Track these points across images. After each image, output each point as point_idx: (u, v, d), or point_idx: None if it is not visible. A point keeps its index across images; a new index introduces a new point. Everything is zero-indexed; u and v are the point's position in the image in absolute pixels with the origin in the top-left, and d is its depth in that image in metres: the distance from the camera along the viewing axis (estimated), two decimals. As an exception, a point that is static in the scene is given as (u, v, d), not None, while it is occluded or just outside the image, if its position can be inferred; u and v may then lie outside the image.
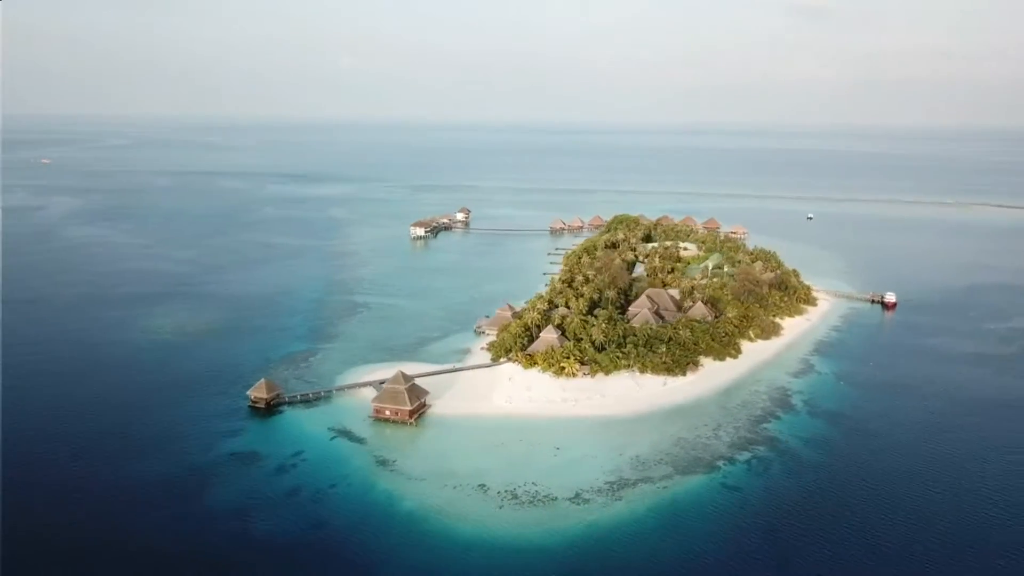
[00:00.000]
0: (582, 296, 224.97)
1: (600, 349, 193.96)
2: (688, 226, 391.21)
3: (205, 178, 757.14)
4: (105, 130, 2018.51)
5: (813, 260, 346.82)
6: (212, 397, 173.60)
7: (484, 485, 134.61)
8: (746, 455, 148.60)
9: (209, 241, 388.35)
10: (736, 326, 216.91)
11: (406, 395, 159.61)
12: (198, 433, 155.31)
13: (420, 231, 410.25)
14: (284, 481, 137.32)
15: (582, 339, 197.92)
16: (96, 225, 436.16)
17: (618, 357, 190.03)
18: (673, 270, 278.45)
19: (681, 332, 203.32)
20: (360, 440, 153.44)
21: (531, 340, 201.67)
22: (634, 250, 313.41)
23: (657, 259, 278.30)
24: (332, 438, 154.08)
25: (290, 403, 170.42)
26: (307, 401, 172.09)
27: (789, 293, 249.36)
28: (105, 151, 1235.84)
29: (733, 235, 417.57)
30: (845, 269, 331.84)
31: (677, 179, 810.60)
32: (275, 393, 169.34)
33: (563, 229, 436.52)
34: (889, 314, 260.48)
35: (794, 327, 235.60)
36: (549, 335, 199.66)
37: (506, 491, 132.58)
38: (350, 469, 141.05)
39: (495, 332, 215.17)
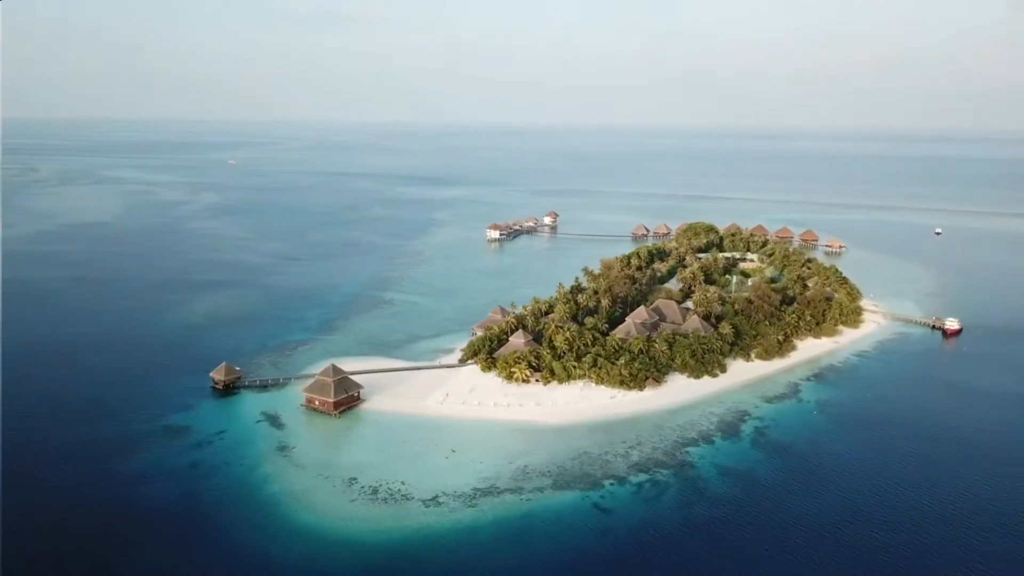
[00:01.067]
0: (571, 303, 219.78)
1: (561, 357, 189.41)
2: (763, 237, 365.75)
3: (347, 179, 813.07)
4: (292, 133, 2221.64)
5: (902, 279, 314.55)
6: (189, 376, 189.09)
7: (355, 479, 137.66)
8: (643, 478, 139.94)
9: (302, 236, 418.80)
10: (730, 343, 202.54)
11: (332, 387, 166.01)
12: (152, 406, 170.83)
13: (495, 234, 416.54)
14: (192, 455, 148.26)
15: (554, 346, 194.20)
16: (218, 219, 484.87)
17: (573, 366, 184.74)
18: (713, 281, 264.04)
19: (657, 345, 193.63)
20: (279, 426, 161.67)
21: (501, 343, 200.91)
22: (681, 260, 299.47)
23: (690, 270, 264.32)
24: (257, 421, 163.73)
25: (248, 386, 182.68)
26: (264, 386, 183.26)
27: (818, 311, 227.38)
28: (284, 152, 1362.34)
29: (827, 248, 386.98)
30: (933, 291, 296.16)
31: (814, 188, 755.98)
32: (234, 376, 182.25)
33: (645, 235, 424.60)
34: (948, 343, 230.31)
35: (813, 349, 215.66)
36: (517, 340, 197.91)
37: (370, 487, 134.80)
38: (250, 451, 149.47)
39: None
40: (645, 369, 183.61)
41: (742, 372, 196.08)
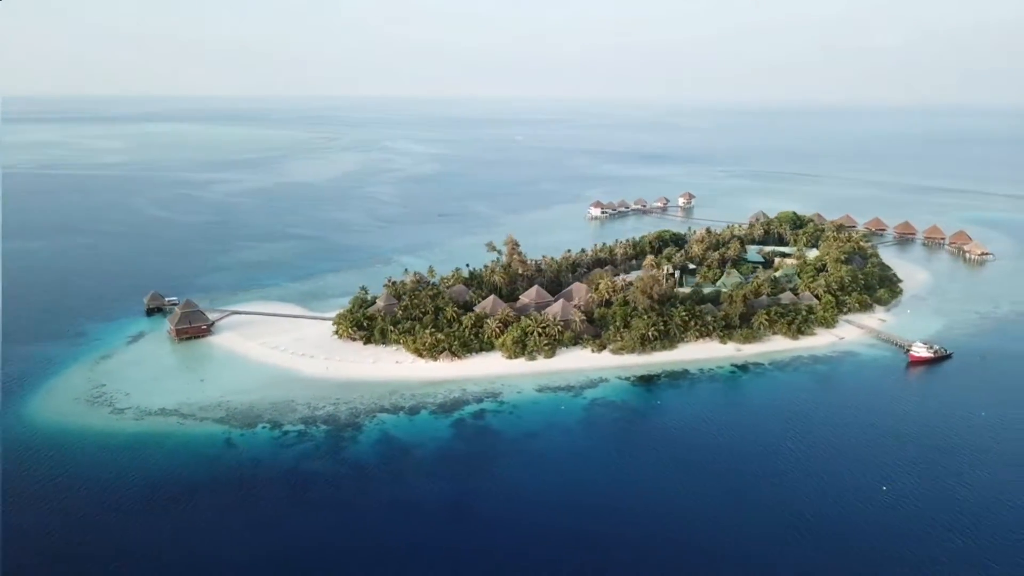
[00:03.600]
0: (460, 276, 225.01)
1: (397, 323, 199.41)
2: (846, 231, 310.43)
3: (572, 155, 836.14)
4: (604, 111, 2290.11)
5: (995, 298, 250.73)
6: (138, 299, 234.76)
7: (104, 385, 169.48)
8: (298, 428, 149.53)
9: (431, 205, 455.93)
10: (575, 331, 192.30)
11: (178, 318, 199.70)
12: (84, 315, 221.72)
13: (596, 212, 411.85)
14: (55, 351, 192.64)
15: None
16: (397, 185, 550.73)
17: (390, 330, 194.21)
18: (690, 271, 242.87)
19: (489, 324, 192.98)
20: (133, 341, 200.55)
21: (374, 303, 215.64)
22: (691, 249, 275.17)
23: (650, 259, 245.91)
24: (128, 335, 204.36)
25: (167, 313, 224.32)
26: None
27: (732, 313, 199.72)
28: (571, 130, 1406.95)
29: (968, 254, 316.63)
30: (1007, 316, 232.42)
31: None
32: (157, 303, 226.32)
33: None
34: (912, 370, 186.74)
35: (693, 352, 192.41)
36: (381, 302, 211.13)
37: (101, 393, 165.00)
38: (86, 356, 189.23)
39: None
40: (447, 342, 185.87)
41: (570, 361, 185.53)
